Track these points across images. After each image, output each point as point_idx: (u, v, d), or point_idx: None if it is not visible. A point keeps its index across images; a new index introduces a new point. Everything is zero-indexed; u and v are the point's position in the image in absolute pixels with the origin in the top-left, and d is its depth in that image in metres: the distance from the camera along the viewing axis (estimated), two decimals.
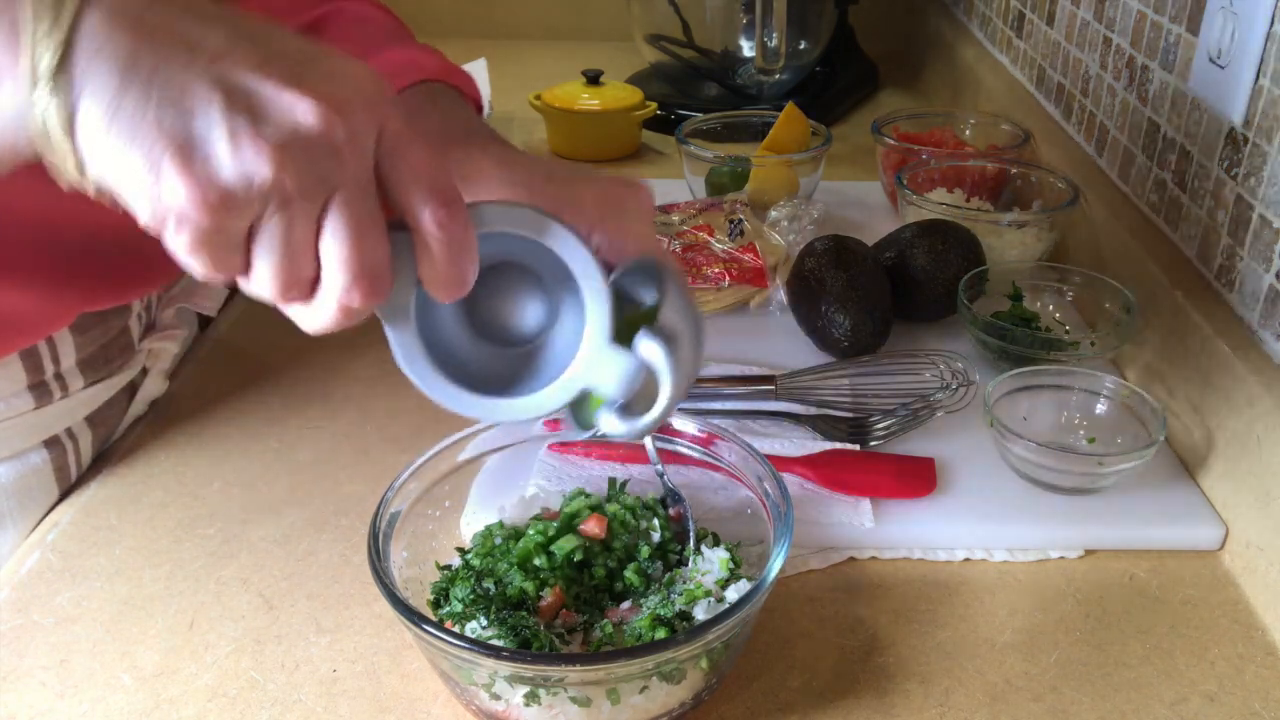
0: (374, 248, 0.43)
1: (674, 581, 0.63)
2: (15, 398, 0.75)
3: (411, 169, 0.43)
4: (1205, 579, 0.72)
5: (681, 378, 0.51)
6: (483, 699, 0.57)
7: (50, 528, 0.75)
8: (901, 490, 0.76)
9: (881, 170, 1.25)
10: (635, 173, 1.39)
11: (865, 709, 0.62)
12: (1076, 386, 0.83)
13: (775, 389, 0.86)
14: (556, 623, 0.61)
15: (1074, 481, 0.75)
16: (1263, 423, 0.70)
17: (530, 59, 1.87)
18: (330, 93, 0.40)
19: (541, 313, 0.53)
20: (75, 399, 0.79)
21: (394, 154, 0.43)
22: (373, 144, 0.42)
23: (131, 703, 0.62)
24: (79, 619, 0.67)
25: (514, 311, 0.52)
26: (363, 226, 0.42)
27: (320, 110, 0.40)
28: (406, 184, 0.43)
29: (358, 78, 0.42)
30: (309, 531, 0.75)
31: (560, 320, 0.52)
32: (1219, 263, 0.82)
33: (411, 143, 0.43)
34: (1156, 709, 0.62)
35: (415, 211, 0.43)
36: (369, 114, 0.42)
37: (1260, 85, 0.77)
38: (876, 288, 0.91)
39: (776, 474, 0.64)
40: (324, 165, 0.40)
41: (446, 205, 0.43)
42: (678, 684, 0.56)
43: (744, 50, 1.54)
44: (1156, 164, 0.94)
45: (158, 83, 0.39)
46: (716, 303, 1.00)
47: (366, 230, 0.42)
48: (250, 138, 0.39)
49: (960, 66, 1.55)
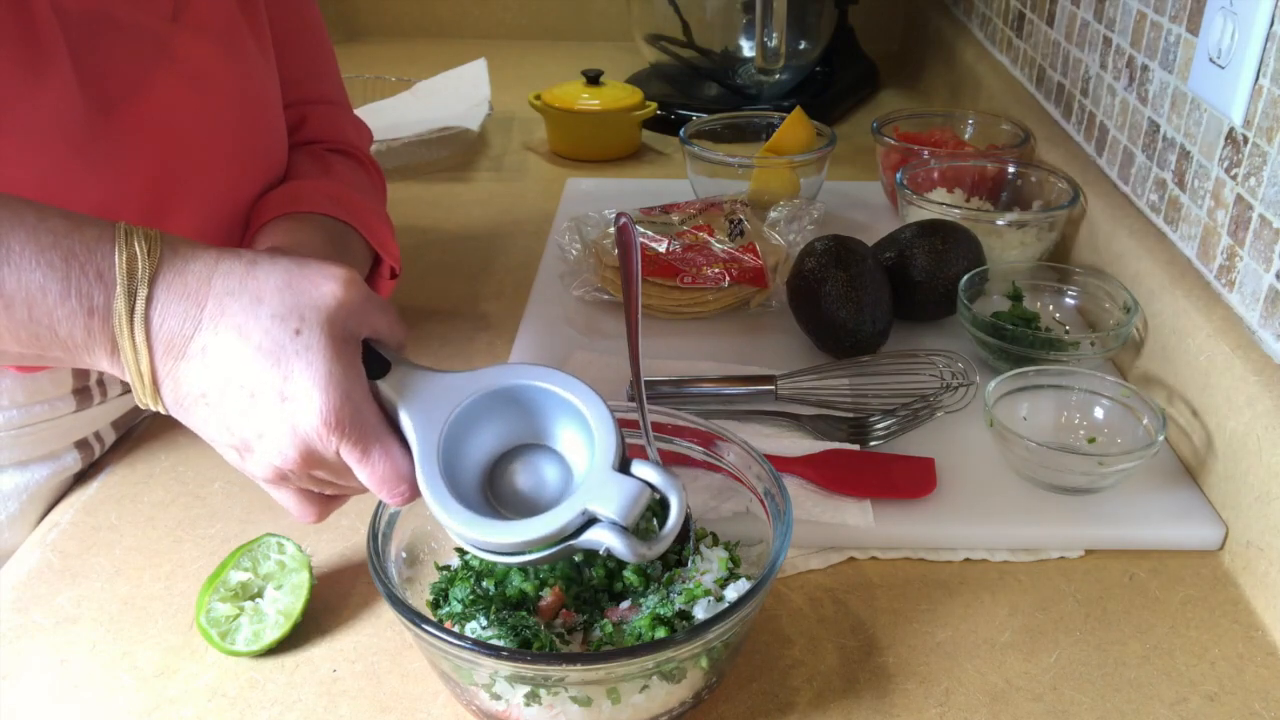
0: (386, 479, 0.55)
1: (673, 581, 0.63)
2: (60, 401, 0.77)
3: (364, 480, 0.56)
4: (1205, 579, 0.72)
5: (682, 497, 0.53)
6: (483, 699, 0.57)
7: (50, 528, 0.75)
8: (901, 490, 0.76)
9: (881, 170, 1.25)
10: (635, 172, 1.40)
11: (865, 709, 0.62)
12: (1076, 386, 0.83)
13: (775, 389, 0.86)
14: (556, 623, 0.61)
15: (1074, 481, 0.75)
16: (1263, 423, 0.70)
17: (530, 59, 1.87)
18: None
19: (550, 478, 0.57)
20: (111, 404, 0.82)
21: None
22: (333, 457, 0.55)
23: (131, 703, 0.62)
24: (79, 619, 0.67)
25: (526, 481, 0.57)
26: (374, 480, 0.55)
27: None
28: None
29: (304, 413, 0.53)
30: (309, 531, 0.74)
31: (558, 468, 0.57)
32: (1219, 263, 0.82)
33: (351, 454, 0.54)
34: (1156, 709, 0.62)
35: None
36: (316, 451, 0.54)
37: (1260, 85, 0.77)
38: (876, 288, 0.91)
39: (776, 474, 0.63)
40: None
41: (390, 495, 0.56)
42: (678, 683, 0.56)
43: (744, 50, 1.54)
44: (1156, 164, 0.94)
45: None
46: (716, 303, 1.00)
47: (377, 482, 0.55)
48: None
49: (960, 66, 1.55)
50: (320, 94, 0.89)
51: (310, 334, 0.52)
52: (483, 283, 1.11)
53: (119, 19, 0.66)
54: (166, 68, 0.69)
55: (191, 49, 0.70)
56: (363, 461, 0.54)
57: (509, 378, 0.56)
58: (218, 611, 0.65)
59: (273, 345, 0.52)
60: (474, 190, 1.35)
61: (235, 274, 0.53)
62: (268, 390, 0.52)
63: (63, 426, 0.78)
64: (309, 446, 0.53)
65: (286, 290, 0.53)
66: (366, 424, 0.54)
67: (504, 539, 0.52)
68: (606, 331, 0.99)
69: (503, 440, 0.57)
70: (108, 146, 0.66)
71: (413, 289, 1.08)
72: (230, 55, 0.74)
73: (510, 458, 0.57)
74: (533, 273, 1.10)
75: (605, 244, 1.04)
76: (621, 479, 0.52)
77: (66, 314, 0.51)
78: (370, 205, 0.82)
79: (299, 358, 0.52)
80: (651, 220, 1.09)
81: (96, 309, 0.51)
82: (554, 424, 0.57)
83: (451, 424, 0.55)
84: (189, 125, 0.71)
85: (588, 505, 0.52)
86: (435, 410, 0.55)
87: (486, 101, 1.53)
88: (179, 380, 0.53)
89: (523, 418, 0.57)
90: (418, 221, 1.24)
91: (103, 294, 0.51)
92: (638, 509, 0.52)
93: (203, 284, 0.52)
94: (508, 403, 0.56)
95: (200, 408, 0.54)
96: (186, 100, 0.70)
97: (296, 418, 0.52)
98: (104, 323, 0.51)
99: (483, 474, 0.56)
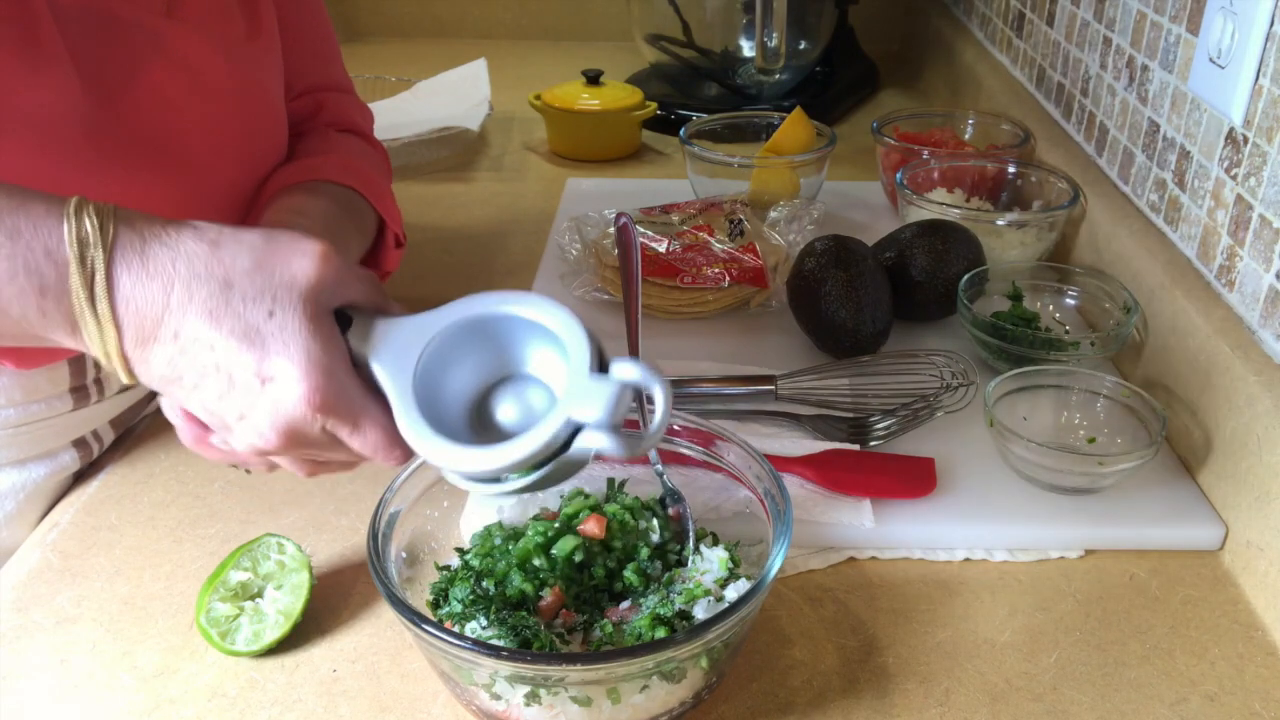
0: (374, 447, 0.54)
1: (673, 581, 0.63)
2: (58, 400, 0.77)
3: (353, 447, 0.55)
4: (1205, 579, 0.72)
5: (666, 387, 0.52)
6: (483, 699, 0.57)
7: (50, 528, 0.75)
8: (901, 490, 0.76)
9: (881, 170, 1.25)
10: (635, 172, 1.39)
11: (865, 709, 0.62)
12: (1076, 386, 0.83)
13: (775, 389, 0.86)
14: (556, 623, 0.61)
15: (1074, 481, 0.75)
16: (1262, 423, 0.70)
17: (530, 59, 1.87)
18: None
19: (537, 404, 0.55)
20: (109, 403, 0.82)
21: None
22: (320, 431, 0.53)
23: (131, 703, 0.62)
24: (79, 619, 0.67)
25: (513, 412, 0.55)
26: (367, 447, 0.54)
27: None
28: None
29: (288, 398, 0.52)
30: (309, 531, 0.74)
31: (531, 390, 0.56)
32: (1219, 263, 0.82)
33: (341, 428, 0.53)
34: (1156, 709, 0.62)
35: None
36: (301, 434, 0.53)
37: (1260, 85, 0.77)
38: (876, 288, 0.90)
39: (776, 474, 0.63)
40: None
41: (385, 459, 0.55)
42: (678, 683, 0.56)
43: (744, 50, 1.54)
44: (1156, 164, 0.94)
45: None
46: (716, 303, 1.00)
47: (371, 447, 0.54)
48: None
49: (960, 66, 1.55)
50: (331, 81, 0.90)
51: (284, 314, 0.51)
52: (483, 283, 1.11)
53: (114, 13, 0.67)
54: (160, 61, 0.69)
55: (185, 42, 0.70)
56: (354, 434, 0.54)
57: (471, 308, 0.55)
58: (218, 611, 0.65)
59: (246, 329, 0.51)
60: (474, 190, 1.35)
61: (200, 257, 0.51)
62: (245, 374, 0.51)
63: (60, 425, 0.78)
64: (292, 427, 0.52)
65: (256, 272, 0.51)
66: (352, 397, 0.53)
67: (492, 464, 0.52)
68: (606, 331, 0.98)
69: (480, 375, 0.56)
70: (110, 140, 0.66)
71: (413, 289, 1.08)
72: (224, 48, 0.74)
73: (493, 395, 0.56)
74: (533, 273, 1.10)
75: (605, 244, 1.04)
76: (599, 381, 0.51)
77: (16, 293, 0.49)
78: (376, 177, 0.84)
79: (274, 339, 0.51)
80: (651, 220, 1.09)
81: (49, 288, 0.49)
82: (526, 349, 0.56)
83: (423, 366, 0.54)
84: (187, 118, 0.71)
85: (570, 414, 0.51)
86: (404, 356, 0.54)
87: (486, 101, 1.53)
88: (150, 364, 0.52)
89: (495, 350, 0.56)
90: (418, 221, 1.24)
91: (53, 271, 0.49)
92: (621, 407, 0.51)
93: (166, 267, 0.50)
94: (477, 336, 0.55)
95: (176, 389, 0.53)
96: (182, 93, 0.70)
97: (279, 400, 0.51)
98: (58, 302, 0.49)
99: (469, 415, 0.56)
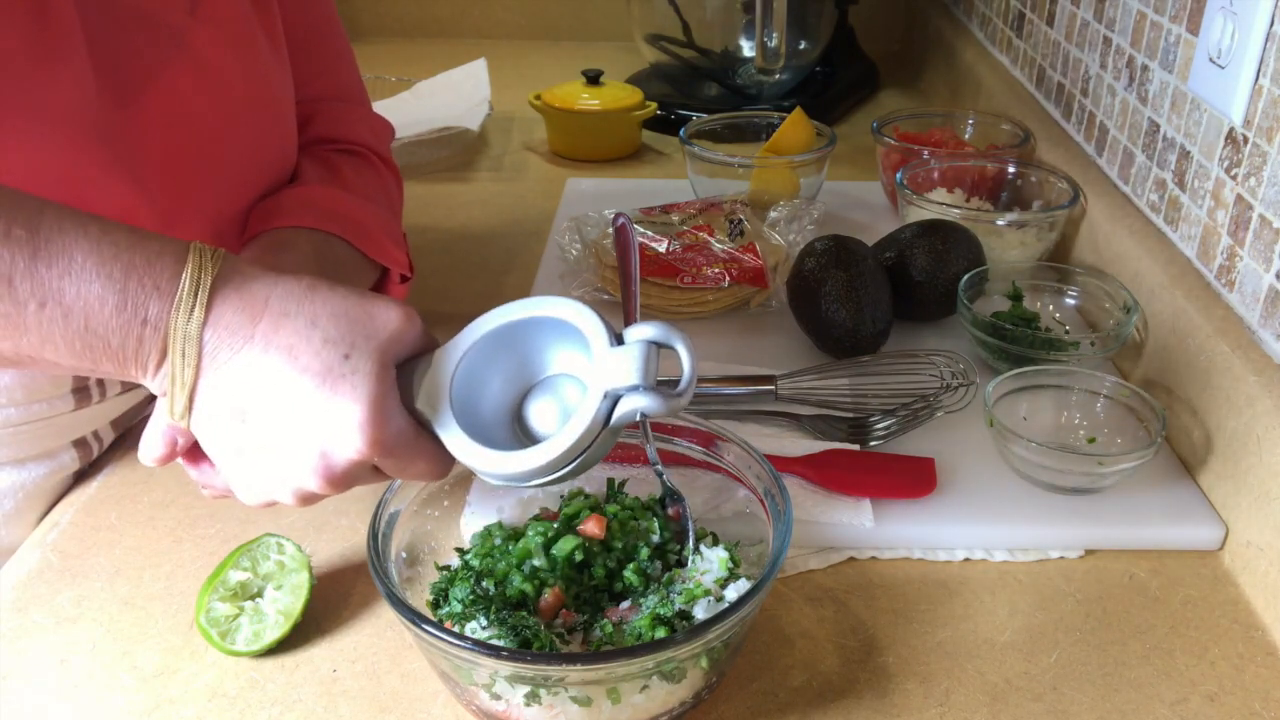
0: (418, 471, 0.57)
1: (673, 581, 0.63)
2: (59, 400, 0.77)
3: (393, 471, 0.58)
4: (1205, 579, 0.72)
5: (686, 340, 0.55)
6: (483, 699, 0.57)
7: (50, 528, 0.75)
8: (901, 490, 0.76)
9: (881, 170, 1.25)
10: (635, 172, 1.40)
11: (865, 709, 0.62)
12: (1076, 386, 0.83)
13: (775, 389, 0.86)
14: (556, 623, 0.61)
15: (1074, 481, 0.75)
16: (1262, 423, 0.70)
17: (530, 59, 1.87)
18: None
19: (572, 397, 0.58)
20: (110, 403, 0.81)
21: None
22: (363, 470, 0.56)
23: (131, 703, 0.62)
24: (79, 619, 0.67)
25: (551, 412, 0.58)
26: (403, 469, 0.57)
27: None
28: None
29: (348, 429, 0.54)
30: (309, 531, 0.74)
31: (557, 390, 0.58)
32: (1219, 263, 0.82)
33: (394, 466, 0.57)
34: (1156, 709, 0.62)
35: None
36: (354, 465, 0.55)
37: (1260, 85, 0.77)
38: (876, 288, 0.90)
39: (776, 474, 0.63)
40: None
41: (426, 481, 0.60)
42: (678, 683, 0.56)
43: (744, 50, 1.54)
44: (1156, 164, 0.94)
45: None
46: (716, 303, 1.00)
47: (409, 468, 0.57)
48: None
49: (960, 66, 1.55)
50: (331, 91, 0.89)
51: (360, 359, 0.53)
52: (483, 283, 1.11)
53: (137, 8, 0.66)
54: (181, 60, 0.69)
55: (206, 43, 0.70)
56: (405, 471, 0.57)
57: (483, 326, 0.58)
58: (218, 611, 0.65)
59: (321, 367, 0.53)
60: (474, 190, 1.35)
61: (294, 296, 0.53)
62: (309, 407, 0.53)
63: (61, 425, 0.78)
64: (349, 462, 0.54)
65: (343, 318, 0.53)
66: (407, 438, 0.55)
67: (548, 458, 0.54)
68: None
69: (512, 386, 0.58)
70: (125, 137, 0.66)
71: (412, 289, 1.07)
72: (243, 51, 0.74)
73: (526, 403, 0.58)
74: (533, 273, 1.10)
75: (605, 244, 1.04)
76: (621, 349, 0.54)
77: (121, 324, 0.51)
78: (371, 211, 0.82)
79: (345, 380, 0.53)
80: (651, 220, 1.09)
81: (150, 320, 0.52)
82: (546, 353, 0.58)
83: (456, 392, 0.56)
84: (203, 119, 0.71)
85: (606, 388, 0.54)
86: (439, 388, 0.56)
87: (486, 101, 1.52)
88: (218, 393, 0.53)
89: (518, 359, 0.58)
90: (418, 221, 1.24)
91: (158, 305, 0.52)
92: (651, 365, 0.54)
93: (259, 302, 0.53)
94: (498, 350, 0.58)
95: (232, 423, 0.54)
96: (200, 94, 0.70)
97: (336, 437, 0.53)
98: (156, 332, 0.52)
99: (511, 425, 0.58)
